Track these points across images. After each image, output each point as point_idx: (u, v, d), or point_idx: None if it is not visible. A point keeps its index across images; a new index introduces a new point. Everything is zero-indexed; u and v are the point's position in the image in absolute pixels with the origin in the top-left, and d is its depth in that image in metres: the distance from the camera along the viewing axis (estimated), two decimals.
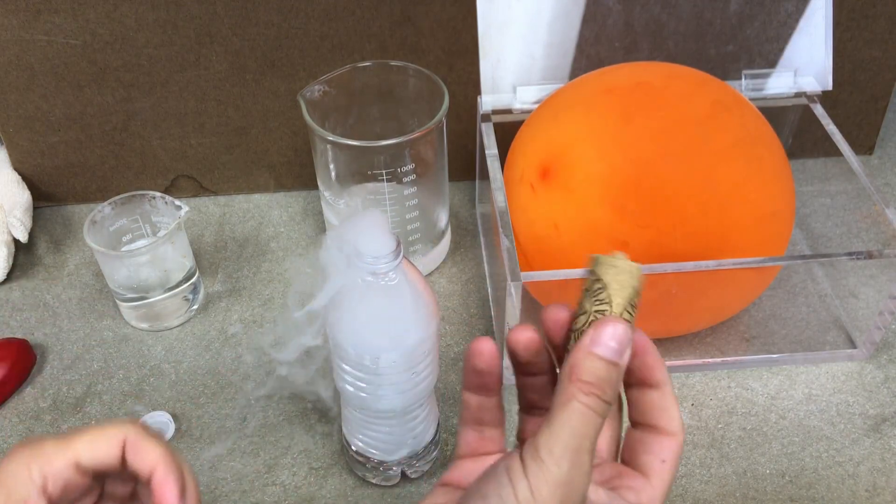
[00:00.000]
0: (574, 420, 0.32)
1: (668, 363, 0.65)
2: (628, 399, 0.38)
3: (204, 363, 0.67)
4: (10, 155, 0.79)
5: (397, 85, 0.70)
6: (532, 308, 0.62)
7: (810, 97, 0.70)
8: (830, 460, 0.59)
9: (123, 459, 0.40)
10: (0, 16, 0.69)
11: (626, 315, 0.34)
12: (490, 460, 0.38)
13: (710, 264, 0.56)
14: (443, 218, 0.73)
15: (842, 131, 0.68)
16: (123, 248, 0.69)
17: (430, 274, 0.75)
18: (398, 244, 0.45)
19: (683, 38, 0.69)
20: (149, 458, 0.39)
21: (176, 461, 0.40)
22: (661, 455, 0.36)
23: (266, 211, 0.82)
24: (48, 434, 0.40)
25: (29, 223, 0.77)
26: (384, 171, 0.65)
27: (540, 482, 0.31)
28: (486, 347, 0.38)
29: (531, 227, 0.60)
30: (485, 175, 0.68)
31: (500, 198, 0.62)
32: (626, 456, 0.38)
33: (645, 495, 0.36)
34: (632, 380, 0.37)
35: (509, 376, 0.50)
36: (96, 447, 0.39)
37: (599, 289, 0.34)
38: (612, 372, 0.33)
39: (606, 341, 0.33)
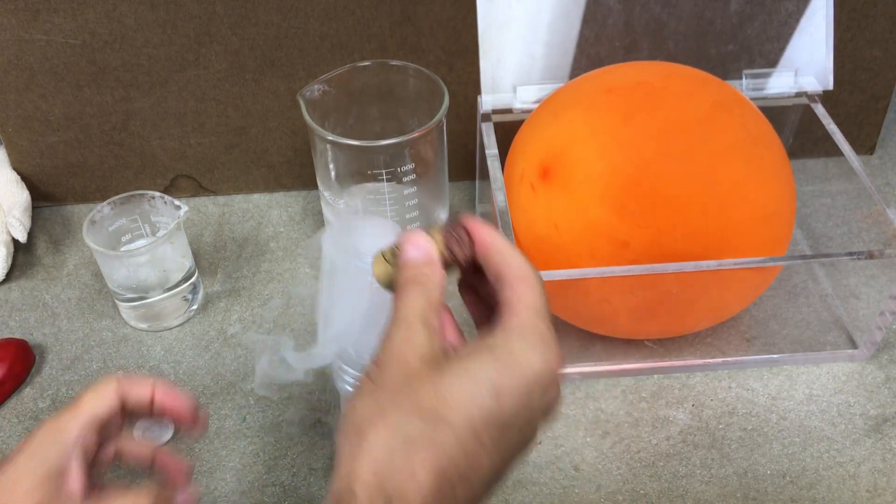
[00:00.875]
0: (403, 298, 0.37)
1: (669, 363, 0.65)
2: (488, 285, 0.39)
3: (203, 363, 0.67)
4: (10, 155, 0.79)
5: (397, 85, 0.70)
6: None
7: (811, 97, 0.70)
8: (831, 461, 0.59)
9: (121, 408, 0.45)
10: None
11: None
12: None
13: (710, 264, 0.56)
14: (443, 218, 0.73)
15: (842, 131, 0.67)
16: (123, 248, 0.69)
17: None
18: None
19: (684, 38, 0.69)
20: (145, 384, 0.46)
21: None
22: (509, 295, 0.37)
23: (265, 211, 0.81)
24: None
25: (28, 223, 0.76)
26: (384, 171, 0.65)
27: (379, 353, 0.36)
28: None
29: (531, 227, 0.60)
30: (485, 175, 0.67)
31: (500, 198, 0.62)
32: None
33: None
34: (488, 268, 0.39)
35: None
36: (102, 399, 0.44)
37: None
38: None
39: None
